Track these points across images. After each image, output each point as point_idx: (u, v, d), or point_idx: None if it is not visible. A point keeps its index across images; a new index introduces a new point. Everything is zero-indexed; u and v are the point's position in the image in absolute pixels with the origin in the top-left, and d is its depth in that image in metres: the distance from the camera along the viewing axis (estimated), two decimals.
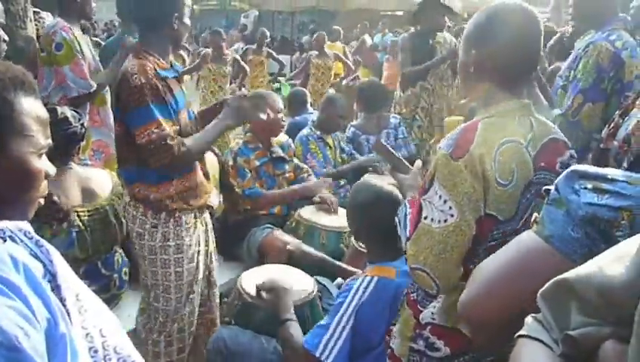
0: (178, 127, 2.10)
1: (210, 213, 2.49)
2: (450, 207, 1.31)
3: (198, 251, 2.31)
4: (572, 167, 0.91)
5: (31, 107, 0.97)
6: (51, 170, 1.02)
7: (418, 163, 1.87)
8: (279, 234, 2.96)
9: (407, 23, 5.82)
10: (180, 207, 2.19)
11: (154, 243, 2.18)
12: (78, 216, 2.51)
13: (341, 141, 4.07)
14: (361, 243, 2.29)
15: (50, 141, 1.01)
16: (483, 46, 1.43)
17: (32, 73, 1.03)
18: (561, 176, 0.91)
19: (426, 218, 1.36)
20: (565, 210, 0.88)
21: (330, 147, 3.91)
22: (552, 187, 0.92)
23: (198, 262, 2.30)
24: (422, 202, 1.39)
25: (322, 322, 1.88)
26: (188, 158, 2.12)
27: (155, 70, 2.04)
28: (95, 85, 3.18)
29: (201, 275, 2.34)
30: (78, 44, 3.14)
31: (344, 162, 3.99)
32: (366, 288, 1.85)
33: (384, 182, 2.22)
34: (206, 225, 2.43)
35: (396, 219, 1.60)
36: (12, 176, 0.95)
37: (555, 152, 1.44)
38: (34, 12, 3.25)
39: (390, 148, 1.95)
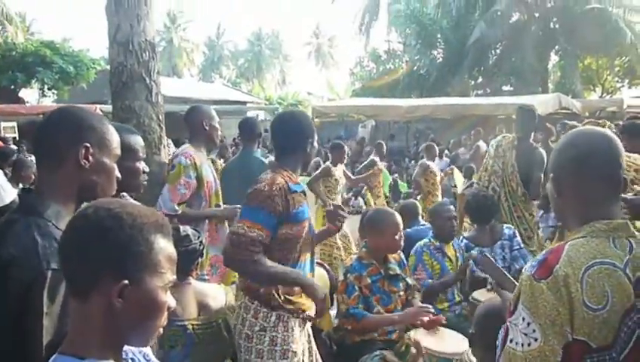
0: (297, 234, 2.31)
1: (318, 329, 2.52)
2: (534, 330, 1.28)
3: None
4: None
5: (165, 247, 1.11)
6: (172, 303, 1.14)
7: None
8: (389, 357, 2.87)
9: None
10: (289, 308, 2.28)
11: (262, 347, 2.26)
12: (194, 329, 2.66)
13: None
14: None
15: (175, 277, 1.14)
16: (561, 174, 1.46)
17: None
18: None
19: (511, 341, 1.34)
20: None
21: (449, 259, 3.79)
22: None
23: None
24: (508, 324, 1.37)
25: None
26: (258, 275, 2.24)
27: (287, 183, 2.27)
28: (179, 212, 3.24)
29: None
30: (196, 169, 3.27)
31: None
32: None
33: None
34: (309, 336, 2.49)
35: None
36: (141, 307, 1.07)
37: None
38: None
39: (496, 264, 1.93)
